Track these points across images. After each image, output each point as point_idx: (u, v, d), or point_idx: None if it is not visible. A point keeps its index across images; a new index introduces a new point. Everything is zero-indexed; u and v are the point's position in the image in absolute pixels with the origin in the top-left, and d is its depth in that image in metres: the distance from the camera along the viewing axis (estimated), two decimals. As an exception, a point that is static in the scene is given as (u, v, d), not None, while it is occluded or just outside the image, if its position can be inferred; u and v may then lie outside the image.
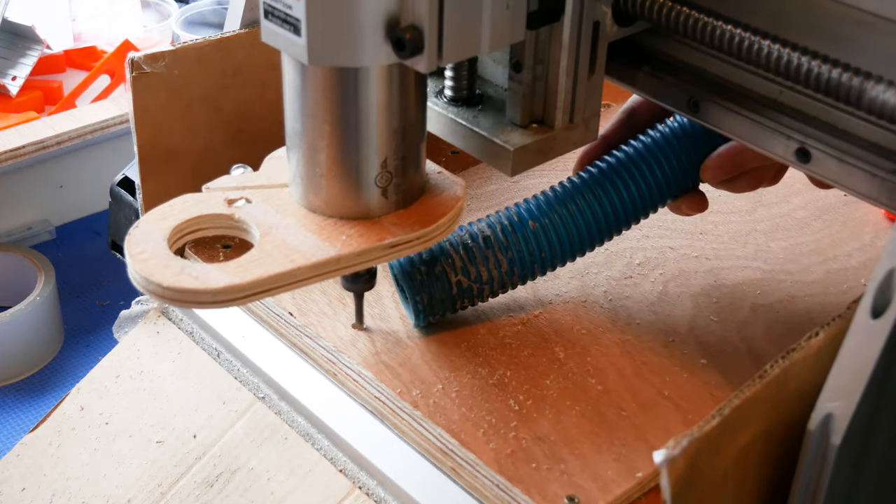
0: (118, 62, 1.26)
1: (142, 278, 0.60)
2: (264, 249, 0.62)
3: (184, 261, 0.61)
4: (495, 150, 0.66)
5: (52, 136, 1.09)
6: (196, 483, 0.73)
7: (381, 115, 0.62)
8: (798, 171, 0.64)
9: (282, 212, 0.65)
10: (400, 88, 0.62)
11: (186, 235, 0.65)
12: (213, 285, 0.59)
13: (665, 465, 0.48)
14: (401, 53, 0.58)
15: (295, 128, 0.64)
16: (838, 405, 0.52)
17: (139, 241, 0.62)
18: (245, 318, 0.81)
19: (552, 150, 0.67)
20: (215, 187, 0.67)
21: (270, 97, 0.86)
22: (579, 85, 0.66)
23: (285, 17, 0.58)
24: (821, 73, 0.55)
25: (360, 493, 0.69)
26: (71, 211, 1.22)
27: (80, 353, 1.05)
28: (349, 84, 0.61)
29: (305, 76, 0.62)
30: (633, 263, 0.83)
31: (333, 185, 0.64)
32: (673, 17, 0.60)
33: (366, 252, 0.63)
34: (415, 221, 0.65)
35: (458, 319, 0.76)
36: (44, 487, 0.77)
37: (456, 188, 0.68)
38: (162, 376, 0.81)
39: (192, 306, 0.61)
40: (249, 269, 0.61)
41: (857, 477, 0.57)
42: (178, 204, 0.65)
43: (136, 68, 0.77)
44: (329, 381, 0.74)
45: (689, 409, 0.68)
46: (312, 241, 0.63)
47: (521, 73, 0.65)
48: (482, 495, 0.65)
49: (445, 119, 0.69)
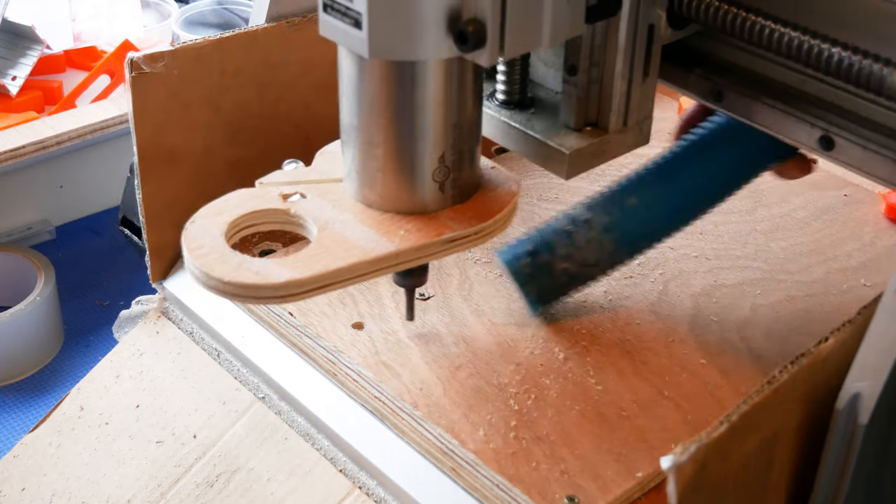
0: (118, 62, 1.25)
1: (201, 273, 0.60)
2: (323, 244, 0.62)
3: (243, 255, 0.60)
4: (550, 153, 0.66)
5: (52, 136, 1.09)
6: (196, 483, 0.73)
7: (440, 110, 0.62)
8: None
9: (338, 207, 0.65)
10: (458, 83, 0.62)
11: (242, 230, 0.65)
12: (274, 280, 0.59)
13: (672, 470, 0.48)
14: (463, 47, 0.57)
15: (352, 122, 0.63)
16: (866, 385, 0.52)
17: (196, 236, 0.62)
18: (245, 318, 0.81)
19: (606, 153, 0.67)
20: (269, 182, 0.67)
21: (270, 97, 0.86)
22: (634, 88, 0.66)
23: (345, 10, 0.57)
24: (842, 60, 0.56)
25: (360, 493, 0.69)
26: (71, 211, 1.21)
27: (80, 353, 1.05)
28: (408, 78, 0.60)
29: (364, 70, 0.61)
30: (633, 263, 0.82)
31: (390, 180, 0.64)
32: (729, 21, 0.61)
33: (424, 247, 0.63)
34: (472, 216, 0.65)
35: (457, 319, 0.76)
36: (44, 487, 0.77)
37: (511, 183, 0.68)
38: (162, 376, 0.81)
39: (253, 301, 0.60)
40: (310, 264, 0.60)
41: (885, 456, 0.57)
42: (234, 199, 0.65)
43: (135, 68, 0.77)
44: (329, 381, 0.74)
45: (689, 409, 0.68)
46: (371, 237, 0.63)
47: (576, 76, 0.65)
48: (482, 495, 0.65)
49: (498, 122, 0.69)
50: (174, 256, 0.86)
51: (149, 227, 0.83)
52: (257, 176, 0.88)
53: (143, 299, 0.87)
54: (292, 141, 0.89)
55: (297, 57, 0.86)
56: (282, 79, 0.86)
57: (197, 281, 0.61)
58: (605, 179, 0.91)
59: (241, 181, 0.87)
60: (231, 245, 0.62)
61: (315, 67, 0.87)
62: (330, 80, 0.89)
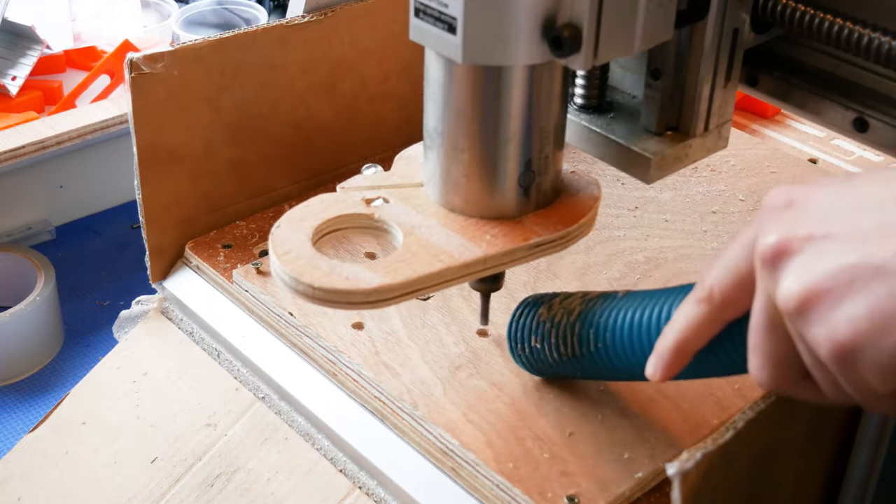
0: (118, 62, 1.25)
1: (290, 279, 0.60)
2: (410, 249, 0.62)
3: (332, 261, 0.61)
4: (633, 158, 0.66)
5: (52, 136, 1.09)
6: (196, 483, 0.73)
7: (529, 114, 0.62)
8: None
9: (422, 211, 0.65)
10: (548, 88, 0.62)
11: (327, 234, 0.65)
12: (364, 286, 0.59)
13: (677, 477, 0.48)
14: (558, 52, 0.57)
15: (437, 127, 0.63)
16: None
17: (284, 241, 0.62)
18: (245, 318, 0.81)
19: (687, 157, 0.67)
20: (350, 187, 0.67)
21: (269, 97, 0.86)
22: (716, 92, 0.66)
23: (439, 15, 0.58)
24: (871, 41, 0.57)
25: (360, 493, 0.69)
26: (71, 211, 1.21)
27: (80, 353, 1.05)
28: (499, 82, 0.60)
29: (453, 75, 0.61)
30: (633, 263, 0.82)
31: (476, 185, 0.64)
32: (816, 25, 0.61)
33: (511, 252, 0.63)
34: (557, 221, 0.65)
35: (457, 319, 0.76)
36: (44, 487, 0.77)
37: (592, 187, 0.68)
38: (162, 376, 0.81)
39: (343, 307, 0.60)
40: (399, 270, 0.61)
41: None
42: (316, 204, 0.65)
43: (135, 69, 0.77)
44: (329, 381, 0.74)
45: (689, 410, 0.68)
46: (458, 241, 0.63)
47: (659, 80, 0.65)
48: (482, 495, 0.65)
49: (577, 126, 0.68)
50: (174, 256, 0.86)
51: (149, 228, 0.83)
52: (257, 176, 0.89)
53: (143, 299, 0.87)
54: (292, 141, 0.89)
55: (297, 57, 0.86)
56: (281, 79, 0.86)
57: (285, 285, 0.61)
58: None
59: (240, 181, 0.88)
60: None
61: (315, 67, 0.87)
62: (329, 80, 0.89)
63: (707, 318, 0.52)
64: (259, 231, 0.87)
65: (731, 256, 0.50)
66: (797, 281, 0.45)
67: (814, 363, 0.47)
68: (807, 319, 0.45)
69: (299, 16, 0.85)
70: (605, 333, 0.62)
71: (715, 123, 0.67)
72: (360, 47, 0.89)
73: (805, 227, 0.45)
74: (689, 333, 0.53)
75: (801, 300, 0.44)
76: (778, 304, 0.46)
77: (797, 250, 0.45)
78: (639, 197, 0.90)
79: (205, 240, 0.86)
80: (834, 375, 0.46)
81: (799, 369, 0.48)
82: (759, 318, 0.48)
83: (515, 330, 0.68)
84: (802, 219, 0.46)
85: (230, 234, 0.87)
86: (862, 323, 0.43)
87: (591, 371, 0.66)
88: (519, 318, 0.68)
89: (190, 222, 0.86)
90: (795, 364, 0.48)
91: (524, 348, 0.68)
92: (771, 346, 0.48)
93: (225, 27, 1.41)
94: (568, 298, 0.66)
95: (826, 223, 0.45)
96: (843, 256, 0.44)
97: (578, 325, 0.64)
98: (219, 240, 0.86)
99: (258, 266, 0.80)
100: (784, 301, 0.45)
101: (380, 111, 0.94)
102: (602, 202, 0.89)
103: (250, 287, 0.79)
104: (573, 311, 0.65)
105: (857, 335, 0.43)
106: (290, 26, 0.84)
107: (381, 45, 0.91)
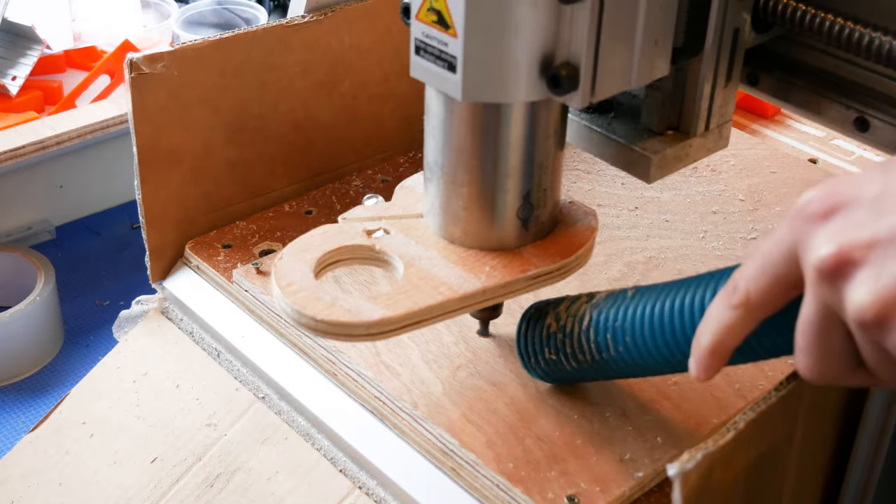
0: (118, 62, 1.25)
1: (293, 311, 0.61)
2: (411, 281, 0.63)
3: (334, 293, 0.62)
4: (633, 158, 0.66)
5: (52, 136, 1.09)
6: (196, 483, 0.73)
7: (527, 150, 0.63)
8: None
9: (422, 243, 0.66)
10: (546, 123, 0.63)
11: (329, 266, 0.66)
12: (366, 318, 0.60)
13: (678, 477, 0.48)
14: (556, 90, 0.58)
15: (437, 160, 0.65)
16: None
17: (286, 273, 0.63)
18: (245, 318, 0.81)
19: (688, 156, 0.67)
20: (351, 217, 0.68)
21: (269, 98, 0.86)
22: (717, 92, 0.66)
23: (439, 53, 0.58)
24: (871, 40, 0.57)
25: (360, 493, 0.69)
26: (71, 211, 1.21)
27: (80, 353, 1.05)
28: (498, 119, 0.62)
29: (453, 111, 0.62)
30: (632, 263, 0.82)
31: (475, 218, 0.65)
32: (817, 25, 0.61)
33: (509, 284, 0.64)
34: (555, 252, 0.66)
35: (457, 319, 0.76)
36: (43, 487, 0.77)
37: (590, 219, 0.69)
38: (162, 376, 0.81)
39: (344, 339, 0.62)
40: (400, 302, 0.62)
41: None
42: (318, 235, 0.66)
43: (134, 69, 0.77)
44: (329, 381, 0.74)
45: (689, 409, 0.68)
46: (457, 273, 0.64)
47: (660, 80, 0.65)
48: (482, 495, 0.65)
49: (578, 126, 0.69)
50: (174, 257, 0.86)
51: (148, 228, 0.83)
52: (257, 176, 0.89)
53: (143, 299, 0.87)
54: (292, 141, 0.89)
55: (297, 57, 0.86)
56: (281, 79, 0.86)
57: (287, 317, 0.62)
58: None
59: (240, 181, 0.88)
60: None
61: (314, 68, 0.87)
62: (329, 80, 0.89)
63: (742, 320, 0.52)
64: (259, 231, 0.87)
65: (767, 261, 0.49)
66: (871, 292, 0.43)
67: (883, 361, 0.46)
68: (887, 329, 0.43)
69: (299, 16, 0.85)
70: (625, 337, 0.61)
71: (716, 123, 0.67)
72: (360, 47, 0.89)
73: (865, 232, 0.44)
74: (725, 335, 0.53)
75: (880, 311, 0.43)
76: (847, 316, 0.45)
77: (862, 259, 0.44)
78: (639, 197, 0.90)
79: (205, 240, 0.86)
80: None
81: (851, 364, 0.48)
82: (811, 324, 0.47)
83: (525, 345, 0.68)
84: (857, 223, 0.44)
85: (230, 234, 0.87)
86: None
87: (614, 373, 0.65)
88: (526, 332, 0.68)
89: (190, 222, 0.86)
90: (849, 360, 0.47)
91: (539, 361, 0.68)
92: (825, 348, 0.47)
93: (225, 27, 1.41)
94: (574, 304, 0.66)
95: (887, 224, 0.43)
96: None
97: (593, 332, 0.63)
98: (219, 240, 0.86)
99: (258, 266, 0.80)
100: (858, 314, 0.44)
101: (380, 111, 0.94)
102: (602, 202, 0.89)
103: (250, 287, 0.79)
104: (583, 319, 0.64)
105: None
106: (290, 26, 0.84)
107: (381, 45, 0.91)
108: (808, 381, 0.49)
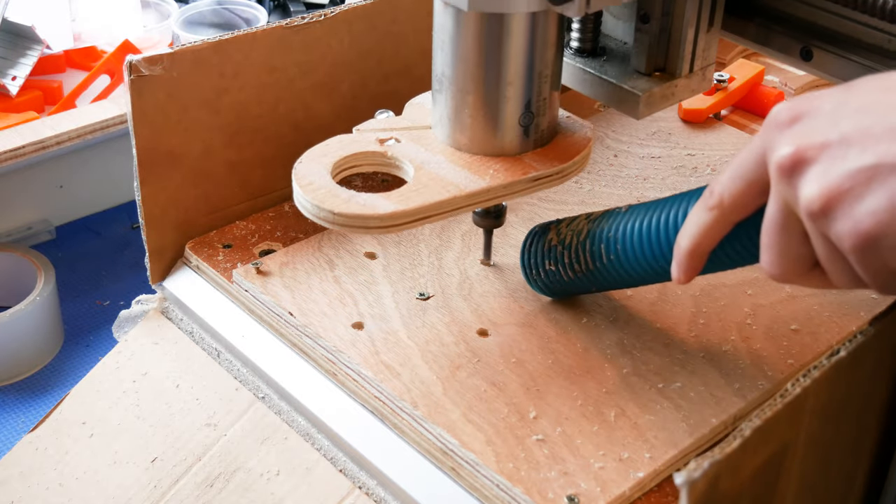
0: (118, 62, 1.25)
1: (312, 206, 0.66)
2: (421, 181, 0.68)
3: (350, 191, 0.67)
4: (624, 96, 0.73)
5: (52, 136, 1.09)
6: (196, 483, 0.73)
7: (528, 60, 0.68)
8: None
9: (431, 150, 0.71)
10: (545, 34, 0.68)
11: (345, 170, 0.71)
12: (380, 211, 0.66)
13: (685, 486, 0.48)
14: (554, 1, 0.63)
15: (445, 72, 0.70)
16: None
17: (306, 174, 0.68)
18: (245, 318, 0.81)
19: (674, 95, 0.75)
20: (365, 129, 0.73)
21: (268, 99, 0.86)
22: (700, 36, 0.73)
23: None
24: None
25: (360, 493, 0.69)
26: (71, 211, 1.21)
27: (80, 353, 1.05)
28: (501, 29, 0.66)
29: (460, 22, 0.67)
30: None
31: (480, 125, 0.70)
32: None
33: (512, 184, 0.69)
34: (553, 158, 0.71)
35: (457, 319, 0.76)
36: (44, 487, 0.77)
37: (585, 129, 0.74)
38: (162, 376, 0.81)
39: (360, 231, 0.67)
40: (412, 198, 0.67)
41: None
42: (335, 143, 0.72)
43: (134, 71, 0.77)
44: (329, 381, 0.74)
45: (689, 409, 0.68)
46: (464, 175, 0.69)
47: (648, 23, 0.72)
48: (482, 495, 0.65)
49: (573, 68, 0.76)
50: (174, 257, 0.86)
51: (148, 229, 0.83)
52: (257, 177, 0.89)
53: (143, 299, 0.87)
54: (291, 142, 0.89)
55: (296, 59, 0.86)
56: (281, 80, 0.86)
57: (306, 213, 0.67)
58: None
59: (240, 183, 0.88)
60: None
61: (314, 69, 0.87)
62: (329, 80, 0.89)
63: (717, 222, 0.58)
64: (259, 231, 0.87)
65: (739, 167, 0.55)
66: (819, 186, 0.49)
67: (830, 256, 0.52)
68: (830, 218, 0.49)
69: (299, 17, 0.85)
70: (616, 245, 0.68)
71: (699, 65, 0.74)
72: (360, 48, 0.89)
73: (819, 136, 0.50)
74: (702, 237, 0.59)
75: (824, 202, 0.49)
76: (800, 209, 0.51)
77: (814, 158, 0.50)
78: (638, 197, 0.90)
79: (205, 240, 0.86)
80: (849, 265, 0.51)
81: (809, 262, 0.54)
82: (773, 220, 0.53)
83: (528, 258, 0.75)
84: (813, 128, 0.50)
85: (230, 233, 0.87)
86: (883, 214, 0.48)
87: (605, 282, 0.72)
88: (530, 247, 0.75)
89: (190, 224, 0.86)
90: (806, 258, 0.54)
91: (539, 273, 0.75)
92: (784, 244, 0.54)
93: (225, 27, 1.41)
94: (574, 221, 0.73)
95: (838, 130, 0.49)
96: (859, 158, 0.48)
97: (589, 243, 0.70)
98: (219, 240, 0.86)
99: (258, 266, 0.80)
100: (807, 205, 0.50)
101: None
102: (602, 203, 0.89)
103: (250, 287, 0.79)
104: (581, 232, 0.71)
105: (879, 225, 0.48)
106: (290, 27, 0.84)
107: (381, 46, 0.91)
108: (772, 278, 0.55)
